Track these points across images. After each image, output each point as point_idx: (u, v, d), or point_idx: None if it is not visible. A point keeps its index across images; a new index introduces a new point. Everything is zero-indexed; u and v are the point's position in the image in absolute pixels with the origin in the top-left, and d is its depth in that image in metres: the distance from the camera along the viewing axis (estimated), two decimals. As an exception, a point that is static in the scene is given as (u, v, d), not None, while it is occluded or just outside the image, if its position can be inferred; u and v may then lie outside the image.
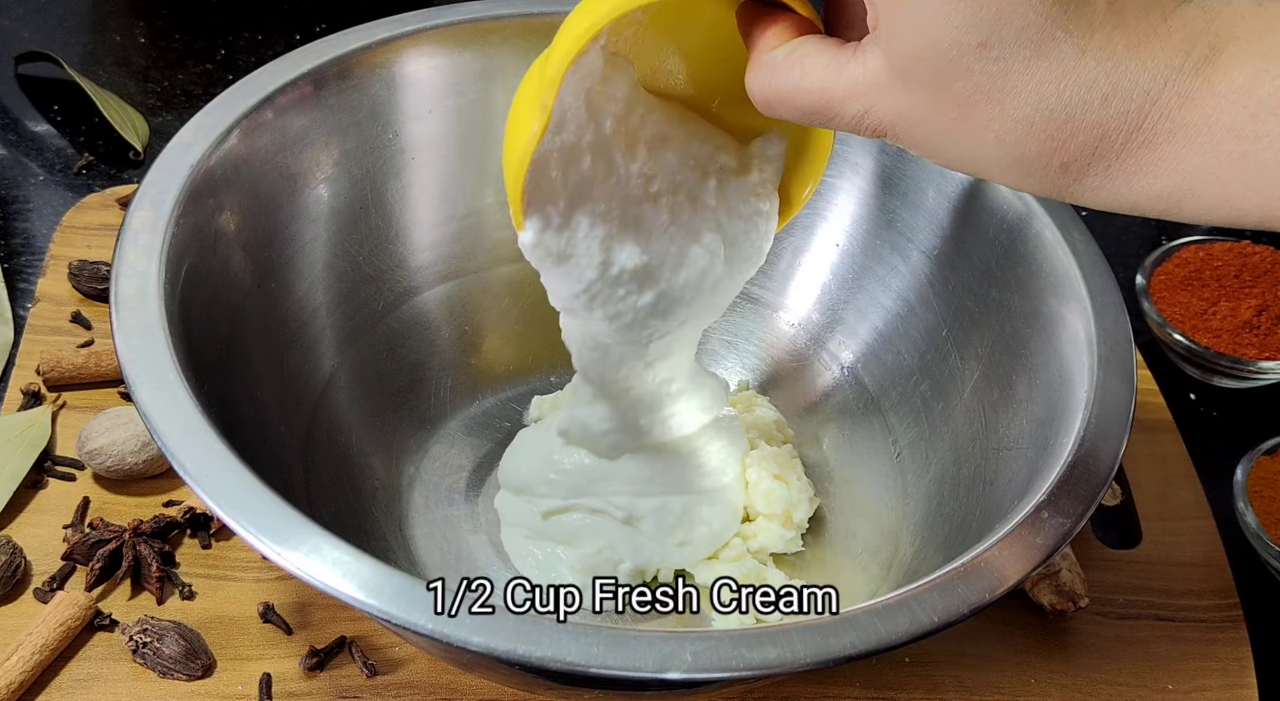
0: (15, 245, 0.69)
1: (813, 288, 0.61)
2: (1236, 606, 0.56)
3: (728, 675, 0.35)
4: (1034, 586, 0.54)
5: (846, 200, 0.58)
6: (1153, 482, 0.61)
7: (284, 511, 0.38)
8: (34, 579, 0.52)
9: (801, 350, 0.61)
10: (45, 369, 0.59)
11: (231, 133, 0.50)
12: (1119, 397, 0.45)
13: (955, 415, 0.53)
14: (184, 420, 0.40)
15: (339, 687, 0.50)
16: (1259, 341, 0.65)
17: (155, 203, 0.46)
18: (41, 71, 0.81)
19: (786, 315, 0.61)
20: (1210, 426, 0.67)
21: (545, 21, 0.58)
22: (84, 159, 0.75)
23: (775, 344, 0.62)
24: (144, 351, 0.41)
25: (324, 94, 0.54)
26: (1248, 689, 0.53)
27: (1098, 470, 0.42)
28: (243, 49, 0.86)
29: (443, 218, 0.60)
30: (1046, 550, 0.40)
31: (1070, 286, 0.49)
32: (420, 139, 0.57)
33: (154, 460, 0.55)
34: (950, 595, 0.38)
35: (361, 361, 0.57)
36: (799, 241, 0.60)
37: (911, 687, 0.52)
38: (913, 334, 0.57)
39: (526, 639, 0.35)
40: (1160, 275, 0.69)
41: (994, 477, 0.48)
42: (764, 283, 0.62)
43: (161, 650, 0.49)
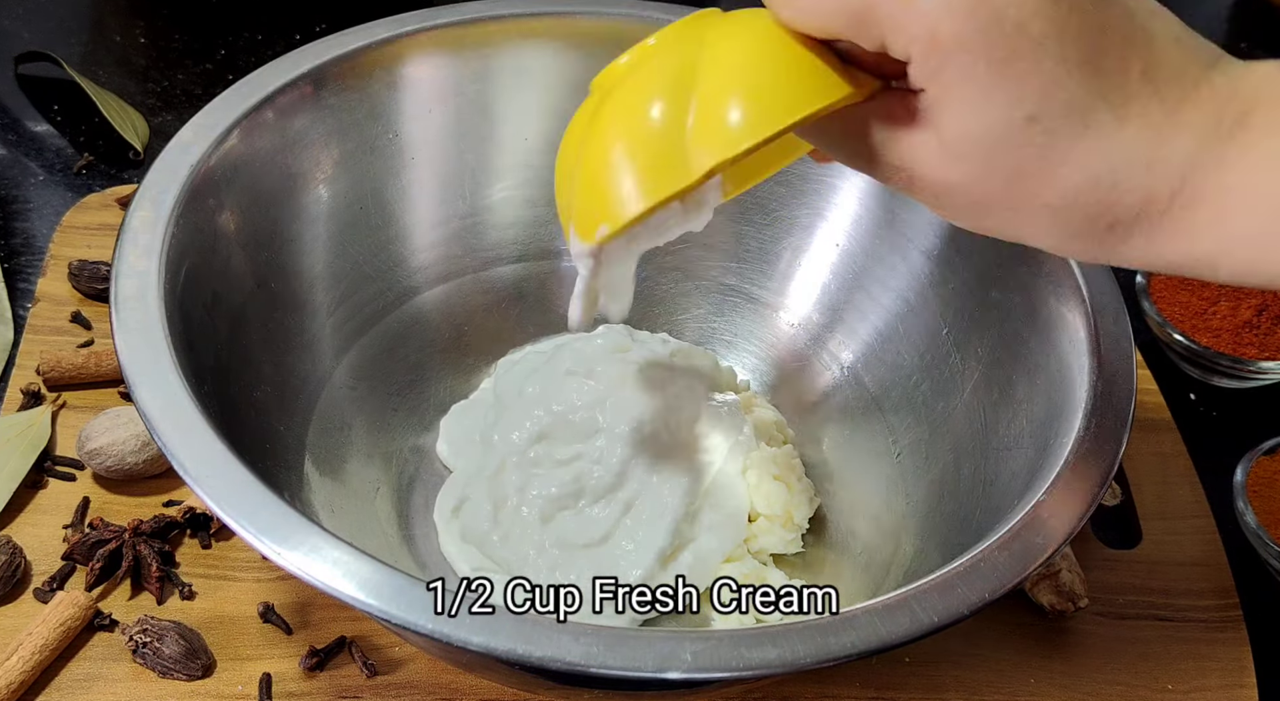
0: (15, 245, 0.69)
1: (813, 288, 0.61)
2: (1236, 606, 0.56)
3: (728, 675, 0.35)
4: (1034, 586, 0.54)
5: (846, 200, 0.58)
6: (1152, 482, 0.61)
7: (283, 511, 0.38)
8: (34, 579, 0.52)
9: (801, 350, 0.61)
10: (45, 369, 0.59)
11: (231, 133, 0.50)
12: (1119, 398, 0.45)
13: (955, 415, 0.53)
14: (184, 420, 0.40)
15: (339, 687, 0.50)
16: (1259, 341, 0.65)
17: (155, 203, 0.46)
18: (41, 71, 0.81)
19: (786, 315, 0.61)
20: (1210, 426, 0.67)
21: (545, 22, 0.58)
22: (84, 159, 0.75)
23: (775, 344, 0.62)
24: (144, 351, 0.41)
25: (324, 94, 0.54)
26: (1248, 689, 0.53)
27: (1098, 470, 0.42)
28: (243, 49, 0.86)
29: (443, 217, 0.60)
30: (1046, 550, 0.40)
31: (1070, 286, 0.49)
32: (420, 139, 0.57)
33: (154, 460, 0.55)
34: (950, 595, 0.38)
35: (361, 361, 0.57)
36: (799, 241, 0.60)
37: (911, 687, 0.52)
38: (913, 334, 0.57)
39: (526, 639, 0.35)
40: (1160, 275, 0.69)
41: (994, 477, 0.48)
42: (764, 283, 0.62)
43: (161, 650, 0.49)
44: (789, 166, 0.59)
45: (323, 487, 0.52)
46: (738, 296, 0.62)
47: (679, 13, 0.58)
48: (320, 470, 0.52)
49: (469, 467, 0.55)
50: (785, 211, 0.60)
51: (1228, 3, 1.03)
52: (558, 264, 0.63)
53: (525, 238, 0.62)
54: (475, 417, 0.58)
